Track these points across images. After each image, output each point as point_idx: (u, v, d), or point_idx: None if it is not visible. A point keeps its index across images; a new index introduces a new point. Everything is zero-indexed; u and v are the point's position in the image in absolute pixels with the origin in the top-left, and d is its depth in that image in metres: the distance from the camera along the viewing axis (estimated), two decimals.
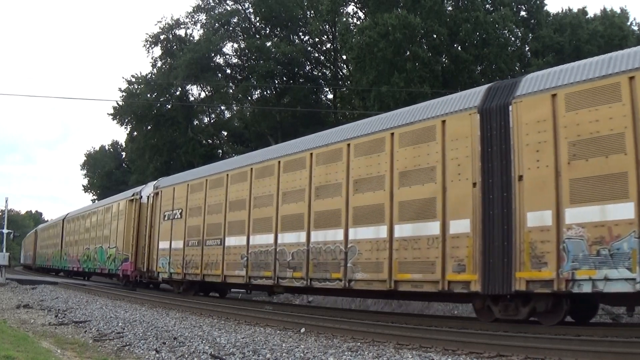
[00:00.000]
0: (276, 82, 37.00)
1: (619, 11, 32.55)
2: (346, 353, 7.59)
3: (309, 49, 38.81)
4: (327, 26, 35.48)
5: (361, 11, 34.95)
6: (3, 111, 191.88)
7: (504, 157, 8.97)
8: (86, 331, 10.66)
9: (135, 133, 43.50)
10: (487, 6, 30.33)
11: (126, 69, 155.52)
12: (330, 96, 39.78)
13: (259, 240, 14.14)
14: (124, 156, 63.02)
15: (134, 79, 40.25)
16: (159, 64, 40.45)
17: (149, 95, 39.66)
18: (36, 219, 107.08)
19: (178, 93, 40.27)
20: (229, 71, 40.09)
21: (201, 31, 39.23)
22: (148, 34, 41.24)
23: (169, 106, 39.73)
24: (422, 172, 10.17)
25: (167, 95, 40.40)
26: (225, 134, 44.79)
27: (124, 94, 40.43)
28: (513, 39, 30.54)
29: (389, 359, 7.17)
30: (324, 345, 8.34)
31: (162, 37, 39.51)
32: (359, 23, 32.78)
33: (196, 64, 35.21)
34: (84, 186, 66.95)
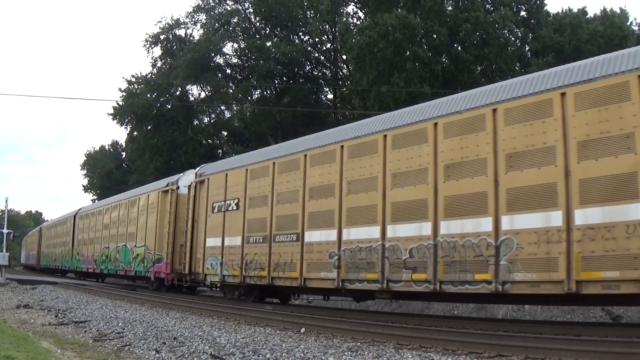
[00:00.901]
0: (276, 82, 37.00)
1: (618, 11, 32.57)
2: (346, 353, 7.59)
3: (309, 49, 38.81)
4: (327, 26, 35.51)
5: (361, 11, 35.01)
6: (3, 111, 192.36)
7: None
8: (86, 331, 10.67)
9: (135, 133, 43.52)
10: (487, 6, 30.31)
11: (126, 69, 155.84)
12: (331, 96, 39.80)
13: (355, 234, 11.55)
14: (124, 156, 62.99)
15: (134, 79, 40.33)
16: (159, 64, 40.52)
17: (149, 95, 39.66)
18: (36, 219, 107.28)
19: (178, 93, 40.27)
20: (229, 71, 40.10)
21: (201, 31, 39.32)
22: (148, 34, 41.40)
23: (169, 106, 39.73)
24: (612, 140, 7.98)
25: (167, 95, 40.40)
26: (225, 134, 44.81)
27: (124, 94, 40.48)
28: (513, 39, 30.49)
29: (389, 359, 7.17)
30: (324, 345, 8.34)
31: (162, 37, 39.54)
32: (358, 23, 32.79)
33: (196, 64, 35.20)
34: (84, 186, 67.05)
